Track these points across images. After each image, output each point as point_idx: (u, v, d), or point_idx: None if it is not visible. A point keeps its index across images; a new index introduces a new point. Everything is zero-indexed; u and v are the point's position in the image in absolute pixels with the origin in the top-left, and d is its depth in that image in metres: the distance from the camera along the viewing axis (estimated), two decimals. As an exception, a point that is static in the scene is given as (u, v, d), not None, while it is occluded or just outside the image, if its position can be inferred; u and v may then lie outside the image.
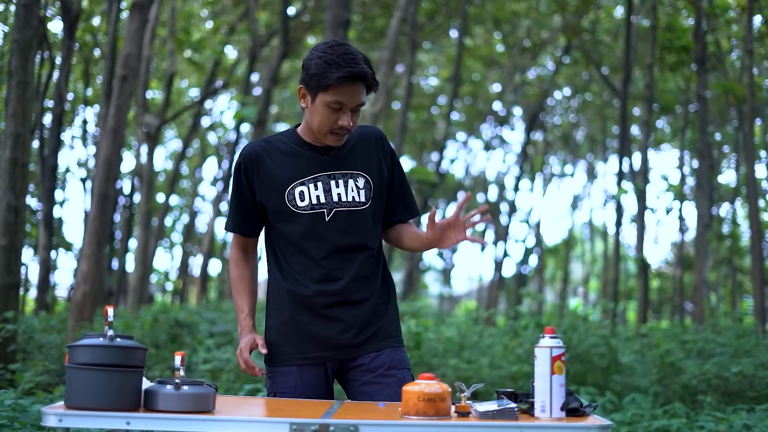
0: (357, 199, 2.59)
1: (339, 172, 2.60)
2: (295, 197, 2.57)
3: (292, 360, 2.60)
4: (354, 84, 2.45)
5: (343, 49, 2.47)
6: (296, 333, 2.60)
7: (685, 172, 20.34)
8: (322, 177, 2.58)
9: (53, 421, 2.01)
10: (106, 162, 7.96)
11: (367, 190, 2.62)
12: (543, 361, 2.14)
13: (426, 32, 17.37)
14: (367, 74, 2.46)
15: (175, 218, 27.52)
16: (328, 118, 2.49)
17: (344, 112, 2.49)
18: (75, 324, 7.33)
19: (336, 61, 2.43)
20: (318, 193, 2.57)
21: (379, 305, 2.65)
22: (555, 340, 2.16)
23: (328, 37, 7.98)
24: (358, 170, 2.62)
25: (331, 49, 2.47)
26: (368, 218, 2.62)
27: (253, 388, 5.57)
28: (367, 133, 2.69)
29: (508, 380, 7.12)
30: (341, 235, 2.59)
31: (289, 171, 2.59)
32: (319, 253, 2.59)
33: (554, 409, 2.12)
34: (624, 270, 23.13)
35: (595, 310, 14.27)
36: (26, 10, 6.20)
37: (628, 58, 13.21)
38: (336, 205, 2.58)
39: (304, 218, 2.57)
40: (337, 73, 2.42)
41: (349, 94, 2.46)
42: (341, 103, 2.47)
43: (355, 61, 2.44)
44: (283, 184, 2.58)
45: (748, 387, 6.45)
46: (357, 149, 2.64)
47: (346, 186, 2.59)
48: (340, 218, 2.58)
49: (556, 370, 2.13)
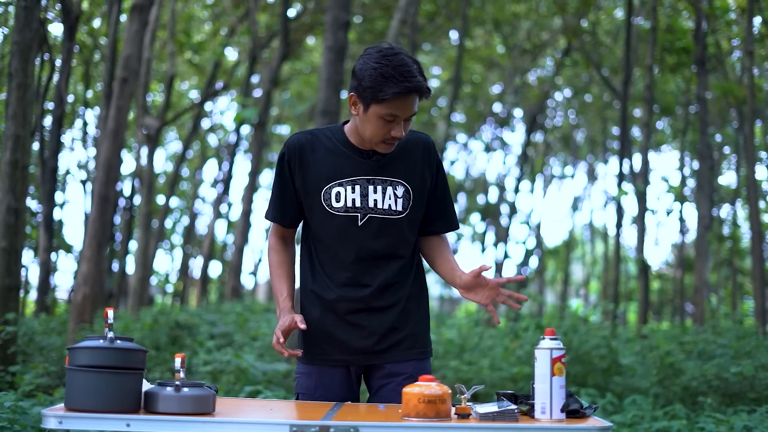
0: (393, 208, 2.56)
1: (379, 178, 2.56)
2: (332, 197, 2.55)
3: (315, 360, 2.61)
4: (409, 96, 2.41)
5: (399, 60, 2.40)
6: (320, 334, 2.60)
7: (685, 174, 20.33)
8: (360, 180, 2.55)
9: (53, 423, 2.01)
10: (106, 164, 7.96)
11: (406, 199, 2.57)
12: (543, 362, 2.14)
13: (426, 34, 17.37)
14: (423, 87, 2.42)
15: (176, 220, 27.52)
16: (381, 129, 2.46)
17: (397, 123, 2.45)
18: (75, 326, 7.33)
19: (392, 74, 2.38)
20: (354, 197, 2.54)
21: (409, 310, 2.62)
22: (555, 342, 2.16)
23: (328, 38, 7.97)
24: (398, 178, 2.57)
25: (385, 59, 2.40)
26: (403, 227, 2.58)
27: (253, 390, 5.56)
28: (414, 140, 2.63)
29: (509, 382, 7.12)
30: (372, 242, 2.56)
31: (330, 169, 2.56)
32: (348, 257, 2.57)
33: (554, 410, 2.12)
34: (624, 271, 23.13)
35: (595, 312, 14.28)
36: (26, 12, 6.20)
37: (628, 60, 13.22)
38: (370, 211, 2.54)
39: (337, 220, 2.55)
40: (394, 89, 2.38)
41: (403, 107, 2.42)
42: (395, 116, 2.43)
43: (411, 74, 2.39)
44: (322, 181, 2.56)
45: (749, 388, 6.44)
46: (401, 156, 2.59)
47: (384, 193, 2.55)
48: (373, 225, 2.55)
49: (557, 371, 2.13)
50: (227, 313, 12.52)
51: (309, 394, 2.59)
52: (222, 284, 24.49)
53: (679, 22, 15.20)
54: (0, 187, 6.09)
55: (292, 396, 6.16)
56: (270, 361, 7.44)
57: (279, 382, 6.68)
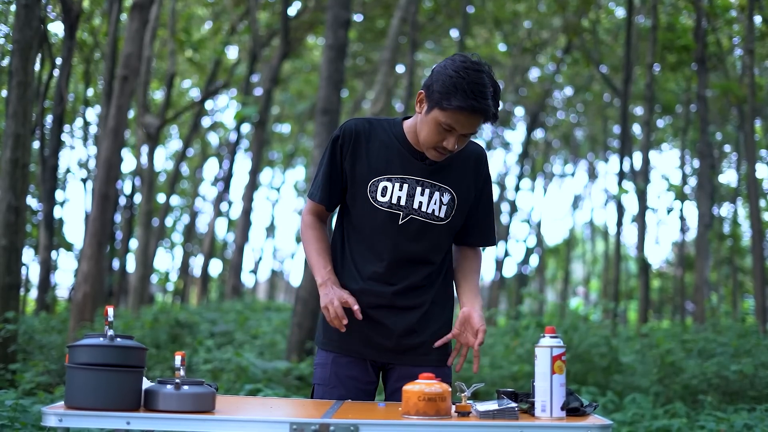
0: (436, 213, 2.54)
1: (428, 181, 2.53)
2: (378, 190, 2.53)
3: (332, 347, 2.60)
4: (473, 115, 2.37)
5: (477, 77, 2.36)
6: None
7: (685, 172, 20.34)
8: (410, 180, 2.53)
9: (53, 421, 2.01)
10: (106, 162, 7.96)
11: (450, 207, 2.56)
12: (543, 360, 2.14)
13: (426, 32, 17.37)
14: (489, 111, 2.37)
15: (176, 218, 27.54)
16: (435, 136, 2.42)
17: (453, 135, 2.41)
18: (75, 324, 7.33)
19: (464, 87, 2.33)
20: (400, 194, 2.52)
21: (432, 314, 2.60)
22: (555, 340, 2.16)
23: (329, 37, 7.96)
24: (447, 185, 2.55)
25: (465, 71, 2.36)
26: (442, 234, 2.58)
27: (253, 388, 5.57)
28: (469, 150, 2.60)
29: (509, 380, 7.12)
30: (409, 243, 2.54)
31: (381, 162, 2.54)
32: (382, 253, 2.55)
33: (554, 408, 2.12)
34: (625, 270, 23.14)
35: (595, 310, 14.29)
36: (27, 11, 6.20)
37: (628, 58, 13.21)
38: (413, 212, 2.53)
39: (379, 214, 2.53)
40: (460, 102, 2.34)
41: (463, 123, 2.38)
42: (452, 127, 2.39)
43: (482, 95, 2.34)
44: (371, 173, 2.53)
45: (749, 387, 6.45)
46: (454, 164, 2.56)
47: (431, 197, 2.53)
48: (413, 226, 2.53)
49: (557, 369, 2.13)
50: (227, 311, 12.54)
51: (324, 384, 2.58)
52: (222, 283, 24.51)
53: (680, 20, 15.19)
54: (0, 186, 6.09)
55: (292, 394, 6.18)
56: (270, 360, 7.45)
57: (279, 380, 6.69)
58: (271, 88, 15.46)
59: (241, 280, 16.97)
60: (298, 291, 7.94)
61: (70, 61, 11.67)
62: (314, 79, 19.14)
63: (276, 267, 32.50)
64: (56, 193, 13.08)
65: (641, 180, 13.12)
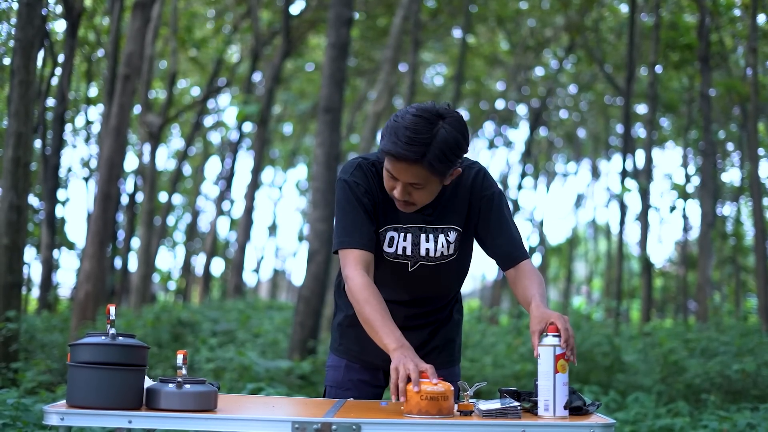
0: (445, 254, 2.48)
1: (431, 227, 2.46)
2: (386, 240, 2.47)
3: (348, 356, 2.61)
4: (398, 161, 2.24)
5: (412, 122, 2.21)
6: (354, 332, 2.56)
7: (688, 171, 20.31)
8: (413, 229, 2.46)
9: (55, 419, 2.00)
10: (108, 161, 7.96)
11: (457, 241, 2.49)
12: (546, 359, 2.13)
13: (429, 31, 17.35)
14: (408, 157, 2.20)
15: (178, 217, 27.54)
16: (387, 182, 2.35)
17: (398, 183, 2.30)
18: (77, 323, 7.33)
19: (393, 132, 2.23)
20: (405, 245, 2.46)
21: (442, 327, 2.62)
22: (558, 339, 2.15)
23: (331, 35, 7.96)
24: (451, 224, 2.47)
25: (403, 117, 2.24)
26: (453, 268, 2.53)
27: (255, 387, 5.56)
28: (465, 177, 2.46)
29: (511, 379, 7.12)
30: (423, 285, 2.52)
31: (387, 211, 2.45)
32: (396, 290, 2.52)
33: (558, 407, 2.11)
34: (627, 269, 23.10)
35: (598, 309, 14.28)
36: (29, 9, 6.20)
37: (631, 57, 13.19)
38: (422, 259, 2.48)
39: (388, 263, 2.49)
40: (383, 146, 2.26)
41: (398, 170, 2.27)
42: (393, 175, 2.30)
43: (407, 140, 2.19)
44: (380, 221, 2.46)
45: (752, 386, 6.44)
46: (453, 198, 2.46)
47: (437, 242, 2.46)
48: (425, 271, 2.50)
49: (560, 368, 2.12)
50: (229, 310, 12.53)
51: (336, 386, 2.60)
52: (224, 281, 24.53)
53: (683, 18, 15.17)
54: (2, 184, 6.09)
55: (294, 393, 6.17)
56: (272, 359, 7.45)
57: (281, 379, 6.69)
58: (273, 86, 15.46)
59: (243, 279, 16.98)
60: (300, 290, 7.94)
61: (72, 60, 11.65)
62: (317, 79, 19.13)
63: (278, 266, 32.52)
64: (58, 192, 13.07)
65: (644, 179, 13.12)
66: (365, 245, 2.37)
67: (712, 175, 15.35)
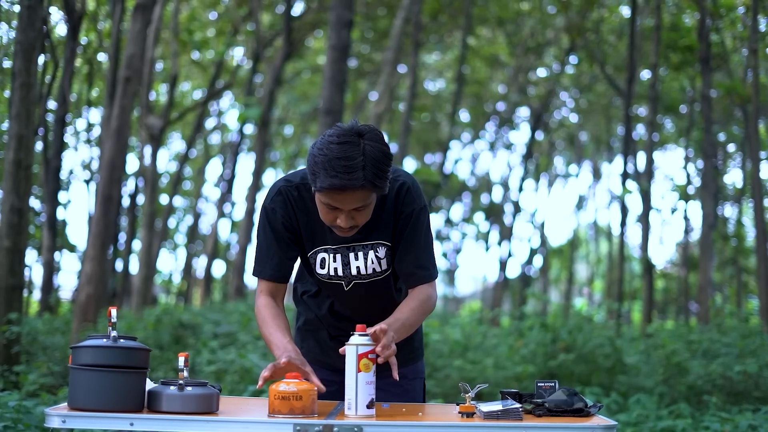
0: (377, 270, 2.49)
1: (359, 244, 2.46)
2: (317, 263, 2.50)
3: (306, 356, 2.58)
4: (343, 192, 2.22)
5: (340, 150, 2.18)
6: (313, 336, 2.67)
7: (690, 172, 20.31)
8: (341, 249, 2.47)
9: (57, 422, 2.00)
10: (109, 163, 7.96)
11: (389, 256, 2.50)
12: (350, 358, 2.15)
13: (430, 32, 17.36)
14: (356, 184, 2.18)
15: (179, 219, 27.54)
16: (327, 215, 2.32)
17: (342, 212, 2.28)
18: (79, 325, 7.32)
19: (326, 166, 2.18)
20: (336, 266, 2.48)
21: None
22: (363, 338, 2.16)
23: (332, 37, 7.97)
24: (379, 239, 2.47)
25: (328, 148, 2.19)
26: (389, 282, 2.55)
27: (257, 390, 5.56)
28: (391, 189, 2.42)
29: (513, 381, 7.10)
30: (361, 301, 2.55)
31: (314, 234, 2.48)
32: (344, 310, 2.59)
33: (360, 406, 2.12)
34: (629, 270, 23.10)
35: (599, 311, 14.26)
36: (30, 12, 6.21)
37: (632, 58, 13.19)
38: (354, 278, 2.50)
39: (326, 284, 2.55)
40: (322, 183, 2.20)
41: (341, 200, 2.24)
42: (335, 206, 2.27)
43: (346, 170, 2.16)
44: (308, 244, 2.49)
45: (754, 387, 6.43)
46: (380, 213, 2.43)
47: (366, 258, 2.47)
48: (360, 289, 2.52)
49: (362, 367, 2.14)
50: (231, 312, 12.50)
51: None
52: (225, 284, 24.51)
53: (684, 20, 15.16)
54: (3, 187, 6.09)
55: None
56: (273, 361, 7.43)
57: (283, 381, 6.67)
58: (274, 88, 15.47)
59: (245, 281, 16.94)
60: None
61: (73, 63, 11.67)
62: (318, 81, 19.13)
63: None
64: (59, 195, 13.07)
65: (645, 180, 13.11)
66: (273, 276, 2.49)
67: (714, 176, 15.34)
